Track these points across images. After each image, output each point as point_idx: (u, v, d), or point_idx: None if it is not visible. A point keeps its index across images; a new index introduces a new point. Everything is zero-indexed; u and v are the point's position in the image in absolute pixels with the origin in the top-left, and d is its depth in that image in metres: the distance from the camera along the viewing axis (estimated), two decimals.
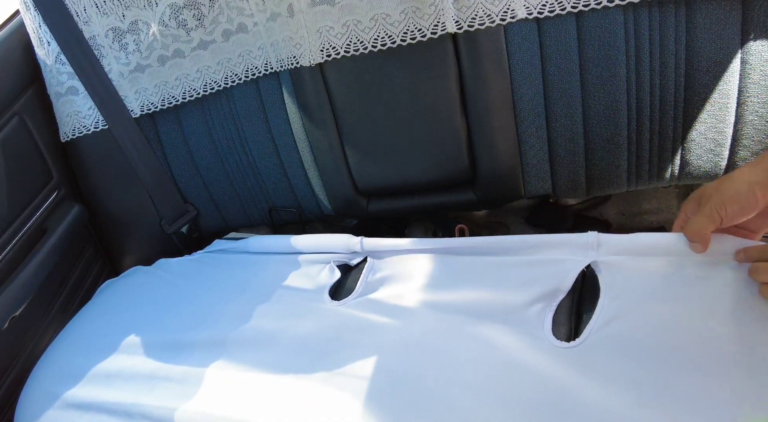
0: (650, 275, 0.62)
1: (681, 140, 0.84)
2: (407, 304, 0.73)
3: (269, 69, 0.94)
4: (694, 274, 0.60)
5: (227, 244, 1.01)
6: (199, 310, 0.84)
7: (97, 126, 1.01)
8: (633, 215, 1.09)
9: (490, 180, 0.91)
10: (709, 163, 0.84)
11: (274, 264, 0.89)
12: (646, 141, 0.84)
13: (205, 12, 0.91)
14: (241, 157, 1.02)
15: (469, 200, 0.95)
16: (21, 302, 0.91)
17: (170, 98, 0.98)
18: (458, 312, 0.69)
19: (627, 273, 0.64)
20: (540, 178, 0.90)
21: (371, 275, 0.80)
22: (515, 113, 0.86)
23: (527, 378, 0.58)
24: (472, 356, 0.62)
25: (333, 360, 0.67)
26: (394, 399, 0.60)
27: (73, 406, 0.74)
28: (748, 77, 0.77)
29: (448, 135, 0.89)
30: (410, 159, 0.93)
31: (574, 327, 0.63)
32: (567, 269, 0.68)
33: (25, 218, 0.96)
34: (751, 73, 0.77)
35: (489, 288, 0.70)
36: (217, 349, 0.74)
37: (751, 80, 0.77)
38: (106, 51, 0.96)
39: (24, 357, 0.95)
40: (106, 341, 0.83)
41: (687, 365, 0.55)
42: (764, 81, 0.77)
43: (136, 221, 1.08)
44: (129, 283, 0.98)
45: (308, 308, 0.77)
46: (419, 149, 0.91)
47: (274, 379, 0.67)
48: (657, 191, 1.08)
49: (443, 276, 0.75)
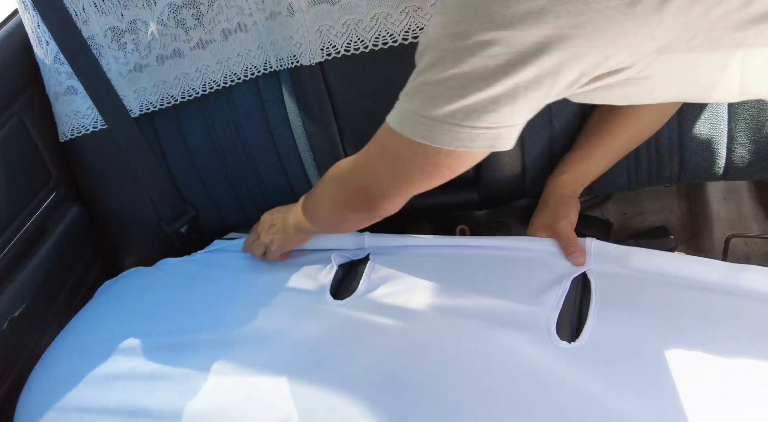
0: (640, 289, 0.64)
1: (679, 139, 0.84)
2: (410, 305, 0.72)
3: (269, 68, 0.93)
4: (686, 288, 0.63)
5: (227, 244, 1.00)
6: (200, 311, 0.83)
7: (96, 126, 1.00)
8: (634, 215, 1.09)
9: (492, 180, 0.91)
10: (709, 162, 0.84)
11: (275, 264, 0.88)
12: (646, 141, 0.84)
13: (204, 11, 0.91)
14: (241, 157, 1.02)
15: (471, 200, 0.95)
16: (20, 303, 0.91)
17: (169, 98, 0.98)
18: (464, 315, 0.68)
19: (618, 284, 0.66)
20: (542, 177, 0.90)
21: (374, 273, 0.79)
22: None
23: (541, 385, 0.58)
24: (482, 360, 0.62)
25: (336, 362, 0.66)
26: (399, 402, 0.59)
27: (72, 409, 0.74)
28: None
29: None
30: None
31: (576, 329, 0.63)
32: (567, 273, 0.68)
33: (23, 219, 0.95)
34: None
35: (494, 290, 0.70)
36: (218, 351, 0.74)
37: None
38: (105, 50, 0.95)
39: (24, 357, 0.94)
40: (105, 342, 0.83)
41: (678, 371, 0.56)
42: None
43: (135, 221, 1.08)
44: (128, 284, 0.98)
45: (310, 309, 0.76)
46: None
47: (275, 381, 0.66)
48: (658, 190, 1.08)
49: (446, 277, 0.75)
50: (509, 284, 0.70)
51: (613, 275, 0.67)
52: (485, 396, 0.58)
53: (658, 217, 1.08)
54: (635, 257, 0.68)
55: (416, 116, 0.50)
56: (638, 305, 0.62)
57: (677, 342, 0.58)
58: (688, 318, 0.60)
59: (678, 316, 0.60)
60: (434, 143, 0.50)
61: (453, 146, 0.50)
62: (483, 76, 0.45)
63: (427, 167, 0.54)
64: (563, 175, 0.84)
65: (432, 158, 0.53)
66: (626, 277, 0.67)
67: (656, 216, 1.08)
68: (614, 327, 0.61)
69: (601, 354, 0.59)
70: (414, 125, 0.51)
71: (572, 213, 0.78)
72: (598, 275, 0.67)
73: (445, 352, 0.64)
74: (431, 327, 0.68)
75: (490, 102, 0.46)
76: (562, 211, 0.78)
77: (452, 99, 0.47)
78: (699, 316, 0.60)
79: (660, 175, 0.87)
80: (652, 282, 0.65)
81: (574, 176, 0.83)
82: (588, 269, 0.69)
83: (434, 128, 0.49)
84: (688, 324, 0.59)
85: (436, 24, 0.48)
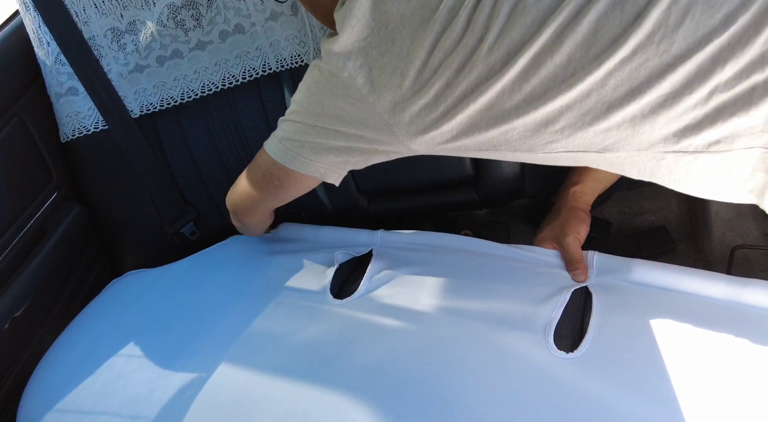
0: (641, 302, 0.64)
1: None
2: (411, 305, 0.72)
3: (267, 70, 0.94)
4: (688, 302, 0.63)
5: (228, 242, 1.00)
6: (201, 312, 0.83)
7: (97, 127, 1.00)
8: (634, 214, 1.09)
9: (492, 179, 0.91)
10: None
11: (277, 264, 0.89)
12: None
13: (203, 12, 0.91)
14: (242, 157, 1.02)
15: (471, 200, 0.95)
16: (22, 303, 0.91)
17: (169, 99, 0.98)
18: (464, 316, 0.68)
19: (619, 298, 0.65)
20: (541, 177, 0.90)
21: (375, 273, 0.79)
22: None
23: (540, 386, 0.58)
24: (482, 361, 0.62)
25: (336, 362, 0.66)
26: (399, 402, 0.59)
27: (72, 411, 0.74)
28: None
29: None
30: (412, 158, 0.92)
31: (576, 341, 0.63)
32: (568, 285, 0.69)
33: (25, 219, 0.95)
34: None
35: (495, 295, 0.70)
36: (218, 352, 0.74)
37: None
38: (105, 51, 0.96)
39: (26, 357, 0.95)
40: (106, 343, 0.83)
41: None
42: None
43: (136, 221, 1.08)
44: (130, 285, 0.98)
45: (312, 310, 0.77)
46: None
47: (276, 381, 0.66)
48: (657, 190, 1.08)
49: (448, 279, 0.75)
50: (510, 289, 0.70)
51: (614, 288, 0.67)
52: (485, 397, 0.58)
53: (657, 217, 1.08)
54: (637, 270, 0.67)
55: (276, 140, 0.71)
56: (639, 319, 0.62)
57: (677, 355, 0.57)
58: (689, 331, 0.60)
59: (679, 330, 0.60)
60: (277, 159, 0.70)
61: (291, 166, 0.69)
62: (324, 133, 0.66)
63: (269, 177, 0.73)
64: (575, 186, 0.83)
65: (275, 171, 0.72)
66: (628, 290, 0.66)
67: (656, 216, 1.08)
68: (614, 339, 0.61)
69: (599, 362, 0.59)
70: (270, 145, 0.71)
71: (582, 228, 0.77)
72: (600, 288, 0.67)
73: (446, 353, 0.64)
74: (431, 328, 0.68)
75: (324, 148, 0.67)
76: (572, 225, 0.77)
77: (301, 134, 0.67)
78: (701, 330, 0.59)
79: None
80: (654, 296, 0.65)
81: (584, 188, 0.82)
82: (589, 283, 0.69)
83: (282, 150, 0.69)
84: (689, 338, 0.59)
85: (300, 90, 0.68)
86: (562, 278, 0.70)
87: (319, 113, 0.65)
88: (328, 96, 0.63)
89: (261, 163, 0.74)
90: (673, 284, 0.65)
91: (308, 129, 0.67)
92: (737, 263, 0.93)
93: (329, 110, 0.64)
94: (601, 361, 0.59)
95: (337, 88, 0.62)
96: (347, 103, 0.62)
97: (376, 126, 0.63)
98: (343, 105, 0.63)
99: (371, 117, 0.62)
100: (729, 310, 0.60)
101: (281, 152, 0.69)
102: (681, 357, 0.57)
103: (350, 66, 0.61)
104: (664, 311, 0.62)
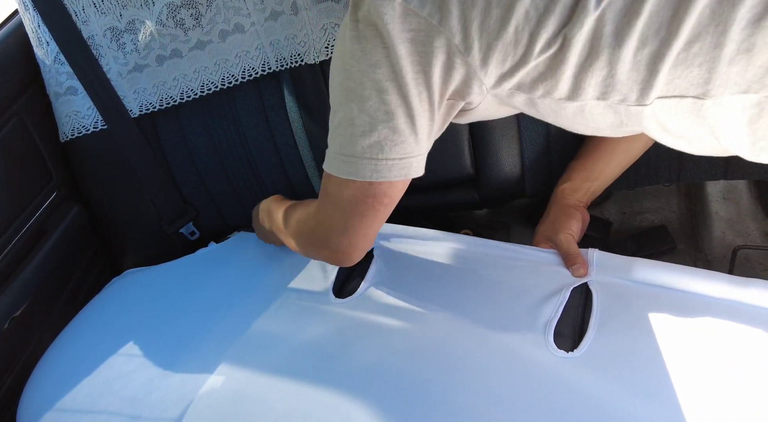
0: (642, 301, 0.64)
1: None
2: (411, 305, 0.72)
3: (267, 70, 0.93)
4: (688, 301, 0.63)
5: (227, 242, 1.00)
6: (201, 312, 0.83)
7: (97, 126, 1.00)
8: (634, 214, 1.09)
9: (492, 179, 0.91)
10: (708, 161, 0.84)
11: (278, 264, 0.88)
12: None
13: (203, 11, 0.91)
14: (242, 157, 1.02)
15: (471, 200, 0.95)
16: (21, 303, 0.91)
17: (168, 98, 0.98)
18: (465, 316, 0.68)
19: (620, 296, 0.65)
20: (541, 177, 0.90)
21: (376, 273, 0.79)
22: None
23: (540, 386, 0.58)
24: (482, 361, 0.62)
25: (337, 362, 0.66)
26: (399, 402, 0.59)
27: (72, 410, 0.74)
28: None
29: (450, 134, 0.88)
30: None
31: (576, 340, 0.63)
32: (568, 283, 0.69)
33: (24, 219, 0.95)
34: None
35: (495, 294, 0.70)
36: (219, 352, 0.74)
37: None
38: (105, 51, 0.96)
39: (25, 357, 0.95)
40: (106, 342, 0.83)
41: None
42: None
43: (135, 221, 1.08)
44: (130, 284, 0.98)
45: (314, 310, 0.76)
46: None
47: (276, 381, 0.66)
48: (658, 189, 1.08)
49: (448, 278, 0.75)
50: (510, 289, 0.70)
51: (615, 287, 0.67)
52: (485, 397, 0.58)
53: (657, 216, 1.07)
54: (638, 268, 0.67)
55: (339, 156, 0.58)
56: (639, 318, 0.62)
57: (678, 354, 0.57)
58: (690, 331, 0.60)
59: (680, 329, 0.60)
60: (358, 177, 0.57)
61: (374, 178, 0.57)
62: (384, 112, 0.54)
63: (365, 199, 0.59)
64: (565, 184, 0.84)
65: (366, 191, 0.58)
66: (628, 289, 0.66)
67: (656, 215, 1.08)
68: (614, 338, 0.61)
69: (599, 362, 0.59)
70: (339, 164, 0.58)
71: (573, 224, 0.77)
72: (600, 286, 0.67)
73: (446, 352, 0.64)
74: (431, 327, 0.68)
75: (394, 133, 0.55)
76: (562, 222, 0.77)
77: (363, 137, 0.55)
78: (701, 329, 0.59)
79: (659, 174, 0.87)
80: (655, 294, 0.65)
81: (573, 185, 0.83)
82: (589, 280, 0.69)
83: (355, 164, 0.57)
84: (689, 337, 0.59)
85: (333, 77, 0.58)
86: (562, 276, 0.70)
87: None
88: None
89: (345, 193, 0.59)
90: (673, 283, 0.65)
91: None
92: (737, 262, 0.93)
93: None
94: (601, 360, 0.59)
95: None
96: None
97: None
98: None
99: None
100: (730, 310, 0.60)
101: (370, 169, 0.57)
102: (681, 356, 0.57)
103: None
104: (664, 310, 0.62)
